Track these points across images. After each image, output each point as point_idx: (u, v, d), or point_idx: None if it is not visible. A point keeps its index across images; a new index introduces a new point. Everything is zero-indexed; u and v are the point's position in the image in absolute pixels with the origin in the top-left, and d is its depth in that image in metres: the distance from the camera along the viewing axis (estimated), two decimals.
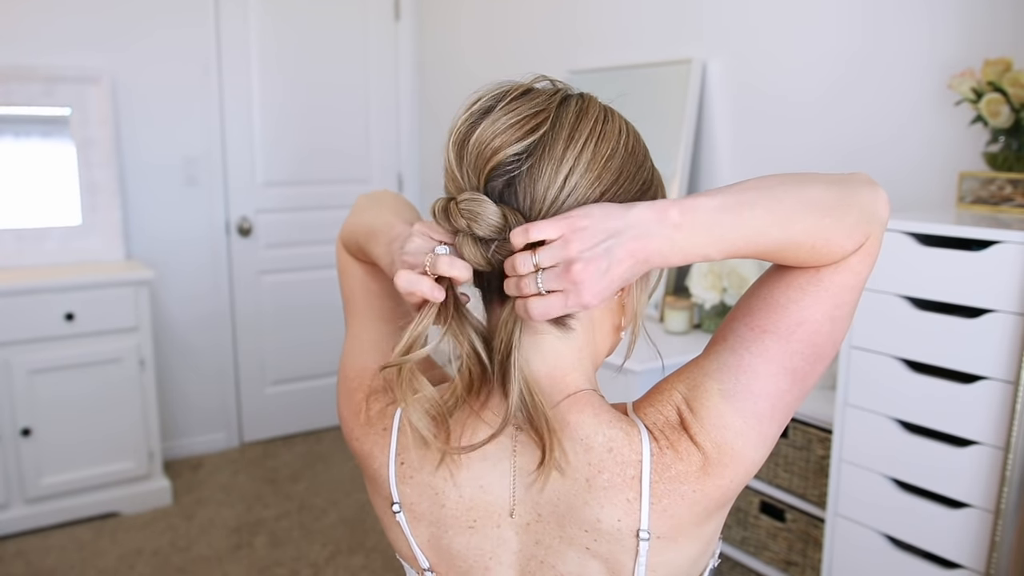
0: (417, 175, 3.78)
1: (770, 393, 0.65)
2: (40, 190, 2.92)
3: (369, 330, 0.81)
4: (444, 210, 0.65)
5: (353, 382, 0.77)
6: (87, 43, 2.95)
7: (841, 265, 0.66)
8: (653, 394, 0.69)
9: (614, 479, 0.64)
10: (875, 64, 1.90)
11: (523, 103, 0.65)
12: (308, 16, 3.40)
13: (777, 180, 0.65)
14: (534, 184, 0.63)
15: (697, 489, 0.64)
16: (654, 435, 0.65)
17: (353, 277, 0.85)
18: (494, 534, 0.69)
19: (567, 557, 0.67)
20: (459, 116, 0.66)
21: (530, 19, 2.99)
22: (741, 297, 0.72)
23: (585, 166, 0.64)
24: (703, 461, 0.64)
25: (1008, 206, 1.54)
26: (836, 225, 0.64)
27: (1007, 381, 1.31)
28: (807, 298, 0.66)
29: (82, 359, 2.70)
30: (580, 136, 0.64)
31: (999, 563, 1.34)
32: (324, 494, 3.02)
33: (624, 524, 0.64)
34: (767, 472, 1.86)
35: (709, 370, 0.67)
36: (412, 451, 0.71)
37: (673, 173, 2.29)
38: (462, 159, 0.65)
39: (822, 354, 0.67)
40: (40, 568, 2.49)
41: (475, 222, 0.63)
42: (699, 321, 2.24)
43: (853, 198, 0.66)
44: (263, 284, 3.46)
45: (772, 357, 0.65)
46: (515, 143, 0.63)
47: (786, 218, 0.62)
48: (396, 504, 0.72)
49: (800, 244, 0.63)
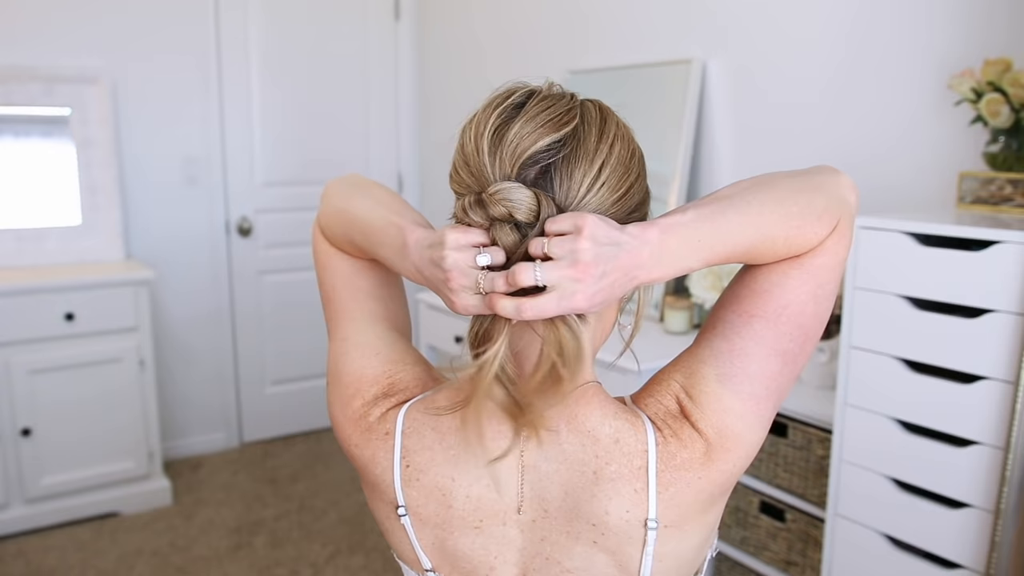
0: (417, 175, 3.78)
1: (764, 375, 0.68)
2: (40, 190, 2.92)
3: (363, 333, 0.78)
4: (478, 202, 0.63)
5: (349, 388, 0.75)
6: (87, 43, 2.95)
7: (818, 248, 0.70)
8: (651, 385, 0.71)
9: (621, 470, 0.66)
10: (875, 64, 1.90)
11: (553, 100, 0.66)
12: (308, 16, 3.40)
13: (746, 184, 0.69)
14: (570, 173, 0.64)
15: (702, 476, 0.66)
16: (657, 425, 0.67)
17: (336, 274, 0.82)
18: (499, 533, 0.69)
19: (573, 552, 0.68)
20: (486, 112, 0.66)
21: (530, 19, 2.99)
22: (726, 288, 0.75)
23: (616, 159, 0.66)
24: (706, 447, 0.66)
25: (1008, 206, 1.54)
26: (805, 213, 0.68)
27: (1007, 381, 1.31)
28: (791, 281, 0.69)
29: (82, 359, 2.70)
30: (609, 132, 0.66)
31: (999, 563, 1.34)
32: (324, 494, 3.02)
33: (632, 515, 0.66)
34: (767, 472, 1.86)
35: (703, 357, 0.69)
36: (418, 454, 0.70)
37: (673, 173, 2.29)
38: (496, 150, 0.64)
39: (809, 334, 0.70)
40: (40, 568, 2.49)
41: (516, 208, 0.62)
42: (699, 321, 2.24)
43: (818, 187, 0.70)
44: (263, 284, 3.46)
45: (762, 340, 0.68)
46: (553, 132, 0.64)
47: (757, 216, 0.66)
48: (401, 508, 0.71)
49: (774, 238, 0.67)
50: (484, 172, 0.64)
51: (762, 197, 0.67)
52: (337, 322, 0.80)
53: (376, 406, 0.73)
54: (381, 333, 0.78)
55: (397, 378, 0.75)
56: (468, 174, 0.65)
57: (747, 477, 1.90)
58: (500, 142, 0.64)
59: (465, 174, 0.66)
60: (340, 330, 0.80)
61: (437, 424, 0.70)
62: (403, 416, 0.72)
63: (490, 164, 0.64)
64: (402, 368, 0.76)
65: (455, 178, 0.68)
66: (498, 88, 0.69)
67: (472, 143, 0.65)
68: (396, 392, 0.74)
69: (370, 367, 0.76)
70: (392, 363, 0.76)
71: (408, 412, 0.72)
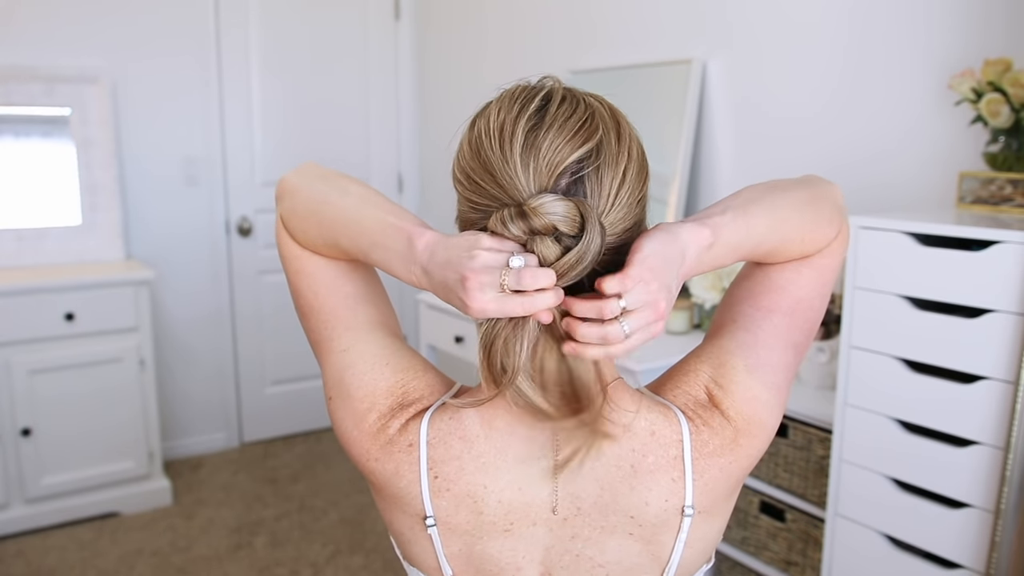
0: (417, 175, 3.78)
1: (784, 365, 0.73)
2: (40, 190, 2.92)
3: (365, 342, 0.75)
4: (520, 215, 0.61)
5: (363, 403, 0.72)
6: (87, 43, 2.95)
7: (825, 249, 0.76)
8: (676, 376, 0.74)
9: (659, 461, 0.68)
10: (875, 64, 1.90)
11: (569, 104, 0.66)
12: (308, 16, 3.40)
13: (761, 189, 0.74)
14: (600, 180, 0.64)
15: (732, 461, 0.70)
16: (688, 415, 0.70)
17: (318, 280, 0.77)
18: (528, 533, 0.70)
19: (606, 546, 0.69)
20: (507, 118, 0.65)
21: (531, 19, 2.99)
22: (735, 282, 0.80)
23: (635, 162, 0.67)
24: (734, 434, 0.70)
25: (1008, 206, 1.54)
26: (818, 219, 0.74)
27: (1007, 381, 1.31)
28: (802, 279, 0.76)
29: (82, 359, 2.70)
30: (624, 135, 0.67)
31: (999, 563, 1.34)
32: (324, 494, 3.02)
33: (671, 504, 0.69)
34: (767, 472, 1.86)
35: (730, 348, 0.73)
36: (447, 464, 0.69)
37: (673, 173, 2.29)
38: (529, 161, 0.63)
39: (813, 328, 0.77)
40: (40, 568, 2.49)
41: (561, 220, 0.61)
42: (699, 321, 2.24)
43: (823, 195, 0.77)
44: (263, 284, 3.46)
45: (781, 333, 0.74)
46: (585, 143, 0.64)
47: (781, 220, 0.71)
48: (430, 518, 0.70)
49: (792, 240, 0.73)
50: (516, 183, 0.63)
51: (782, 203, 0.72)
52: (330, 332, 0.76)
53: (394, 418, 0.71)
54: (383, 340, 0.75)
55: (410, 387, 0.73)
56: (493, 184, 0.64)
57: (747, 477, 1.90)
58: (534, 153, 0.63)
59: (488, 183, 0.64)
60: (337, 341, 0.75)
61: (464, 433, 0.69)
62: (426, 427, 0.70)
63: (524, 175, 0.63)
64: (413, 376, 0.74)
65: (469, 186, 0.66)
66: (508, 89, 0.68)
67: (497, 152, 0.64)
68: (412, 402, 0.72)
69: (382, 379, 0.73)
70: (403, 371, 0.74)
71: (431, 422, 0.70)
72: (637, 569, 0.70)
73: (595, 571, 0.70)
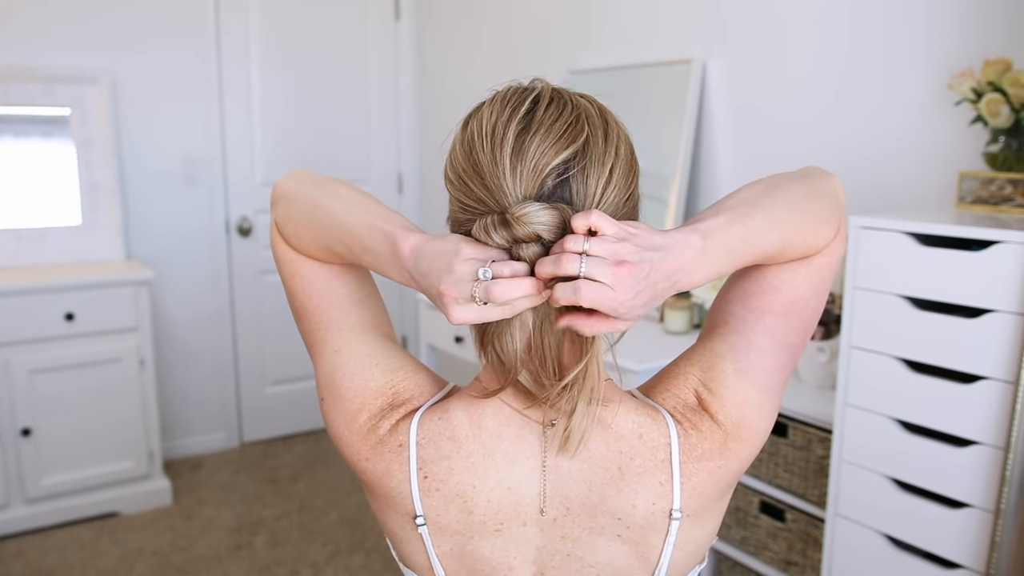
0: (417, 175, 3.78)
1: (776, 368, 0.72)
2: (40, 190, 2.92)
3: (356, 343, 0.76)
4: (503, 223, 0.62)
5: (353, 403, 0.73)
6: (87, 43, 2.95)
7: (824, 248, 0.73)
8: (665, 379, 0.73)
9: (646, 464, 0.68)
10: (875, 64, 1.90)
11: (556, 106, 0.66)
12: (308, 16, 3.40)
13: (759, 188, 0.71)
14: (586, 180, 0.64)
15: (721, 465, 0.69)
16: (676, 418, 0.69)
17: (312, 283, 0.78)
18: (519, 533, 0.70)
19: (596, 547, 0.69)
20: (498, 120, 0.65)
21: (530, 19, 2.99)
22: (728, 282, 0.77)
23: (623, 161, 0.66)
24: (724, 438, 0.69)
25: (1008, 206, 1.54)
26: (818, 219, 0.71)
27: (1007, 381, 1.31)
28: (798, 279, 0.73)
29: (82, 359, 2.70)
30: (612, 134, 0.67)
31: (999, 563, 1.34)
32: (324, 494, 3.02)
33: (658, 507, 0.68)
34: (767, 472, 1.86)
35: (720, 351, 0.71)
36: (436, 464, 0.70)
37: (673, 173, 2.29)
38: (517, 166, 0.63)
39: (809, 328, 0.75)
40: (40, 568, 2.49)
41: (545, 229, 0.61)
42: (699, 321, 2.24)
43: (823, 191, 0.73)
44: (263, 284, 3.46)
45: (774, 335, 0.72)
46: (571, 145, 0.63)
47: (780, 221, 0.68)
48: (420, 517, 0.70)
49: (793, 241, 0.70)
50: (503, 188, 0.63)
51: (780, 203, 0.69)
52: (323, 334, 0.77)
53: (384, 419, 0.72)
54: (374, 342, 0.76)
55: (401, 387, 0.74)
56: (482, 187, 0.64)
57: (747, 477, 1.90)
58: (522, 157, 0.63)
59: (477, 187, 0.65)
60: (329, 342, 0.76)
61: (454, 433, 0.70)
62: (416, 427, 0.71)
63: (511, 181, 0.63)
64: (403, 377, 0.74)
65: (460, 187, 0.67)
66: (500, 91, 0.68)
67: (488, 154, 0.64)
68: (402, 402, 0.73)
69: (372, 379, 0.74)
70: (393, 372, 0.74)
71: (421, 422, 0.71)
72: (627, 571, 0.70)
73: (585, 571, 0.70)
